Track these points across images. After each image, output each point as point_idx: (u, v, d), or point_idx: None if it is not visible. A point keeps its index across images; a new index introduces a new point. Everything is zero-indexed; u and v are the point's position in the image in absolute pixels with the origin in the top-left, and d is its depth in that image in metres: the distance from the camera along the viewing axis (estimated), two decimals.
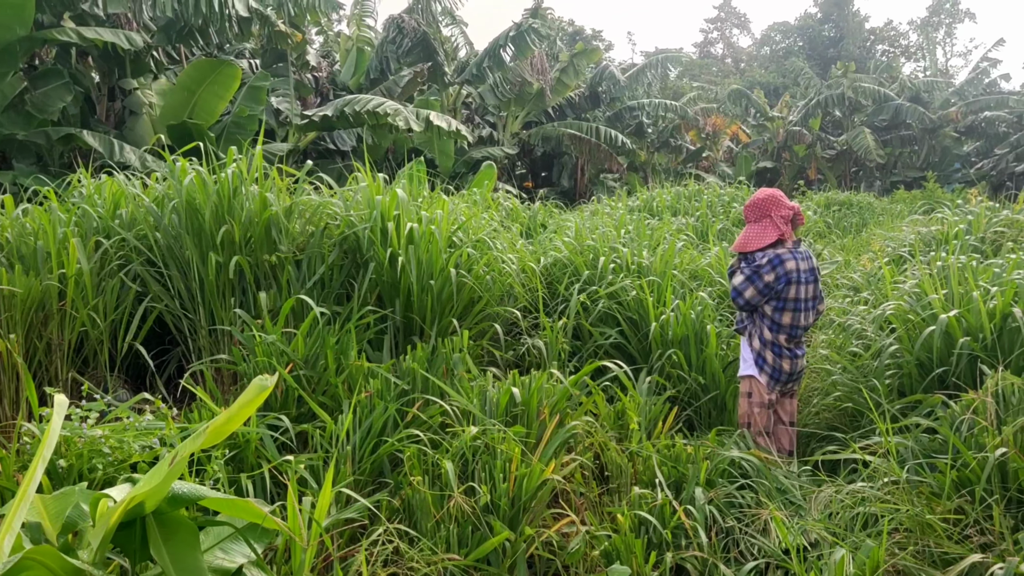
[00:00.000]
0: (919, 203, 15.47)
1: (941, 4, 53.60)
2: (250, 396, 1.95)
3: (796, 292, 4.25)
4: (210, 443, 2.08)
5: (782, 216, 4.32)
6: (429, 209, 5.25)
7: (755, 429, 4.32)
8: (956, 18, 54.13)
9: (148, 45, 12.29)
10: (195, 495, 2.36)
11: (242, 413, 2.01)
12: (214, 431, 2.00)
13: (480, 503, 3.28)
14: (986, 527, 2.90)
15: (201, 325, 4.87)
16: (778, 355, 4.30)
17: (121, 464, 3.02)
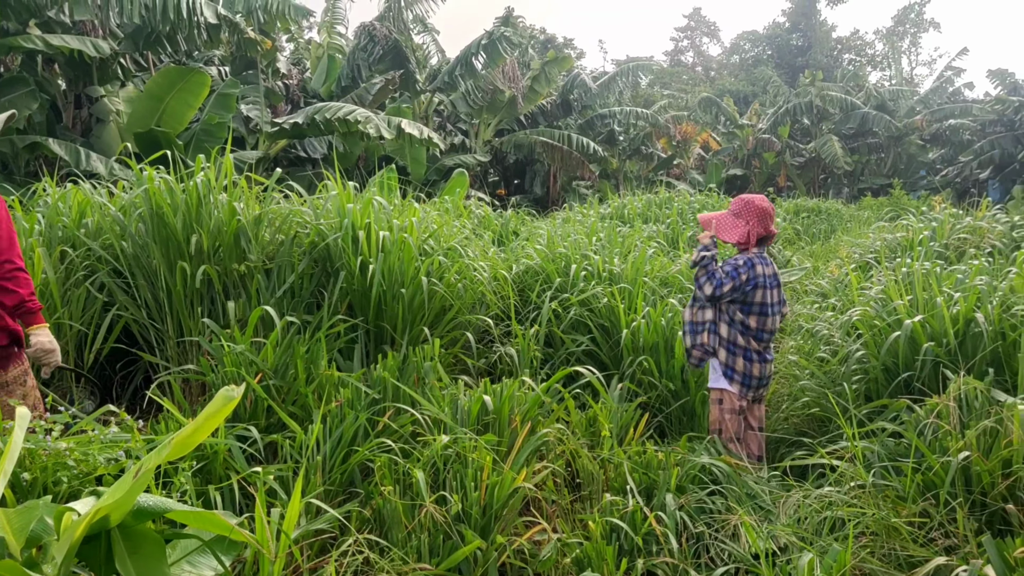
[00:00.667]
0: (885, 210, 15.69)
1: (906, 14, 54.53)
2: (216, 407, 1.93)
3: (763, 296, 4.32)
4: (175, 455, 2.05)
5: (758, 231, 4.37)
6: (400, 217, 5.24)
7: (726, 435, 4.36)
8: (921, 28, 55.10)
9: (115, 52, 12.16)
10: (161, 508, 2.33)
11: (208, 424, 1.99)
12: (179, 443, 1.98)
13: (451, 512, 3.28)
14: (950, 530, 2.94)
15: (169, 335, 4.82)
16: (748, 360, 4.34)
17: (86, 477, 2.97)
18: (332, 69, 17.97)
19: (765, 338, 4.38)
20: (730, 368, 4.37)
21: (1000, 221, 8.11)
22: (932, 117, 29.98)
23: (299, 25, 20.43)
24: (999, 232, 7.57)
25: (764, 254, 4.44)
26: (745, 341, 4.35)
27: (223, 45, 13.01)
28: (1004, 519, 2.98)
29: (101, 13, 10.91)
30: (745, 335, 4.34)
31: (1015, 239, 7.46)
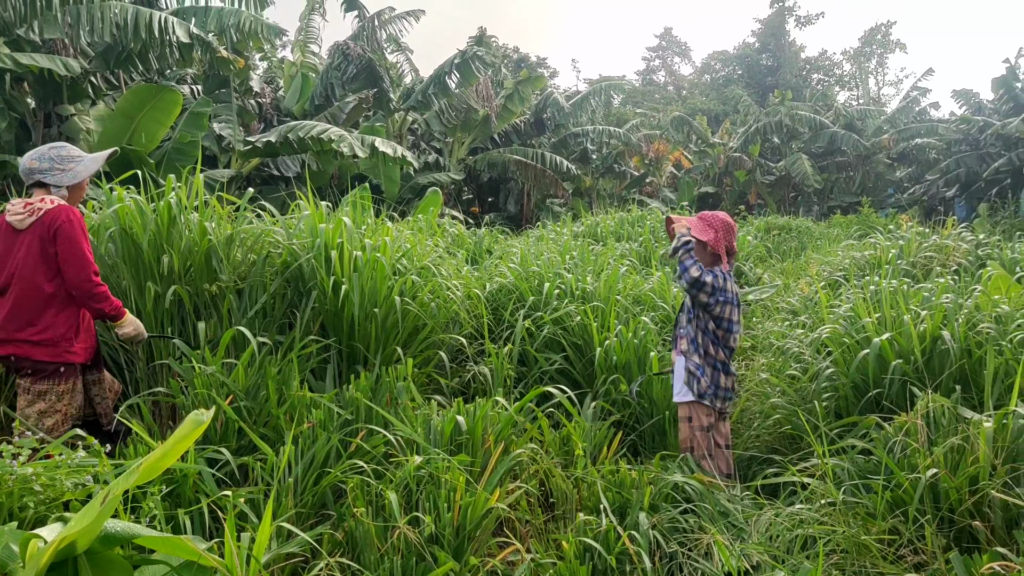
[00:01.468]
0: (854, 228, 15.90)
1: (873, 35, 55.51)
2: (185, 431, 1.91)
3: (730, 313, 4.44)
4: (143, 480, 2.03)
5: (726, 241, 4.48)
6: (373, 236, 5.24)
7: (698, 453, 4.38)
8: (887, 48, 56.07)
9: (86, 71, 12.07)
10: (128, 533, 2.30)
11: (177, 449, 1.97)
12: (147, 468, 1.96)
13: (424, 533, 3.26)
14: (919, 547, 2.97)
15: (139, 357, 4.76)
16: (716, 370, 4.43)
17: (53, 502, 2.92)
18: (305, 88, 17.95)
19: (727, 354, 4.50)
20: (694, 378, 4.43)
21: (965, 239, 8.25)
22: (899, 136, 30.47)
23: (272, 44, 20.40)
24: (964, 250, 7.70)
25: (729, 273, 4.53)
26: (715, 352, 4.43)
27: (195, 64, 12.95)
28: (972, 536, 3.02)
29: (71, 31, 10.83)
30: (715, 346, 4.42)
31: (980, 257, 7.60)
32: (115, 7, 10.57)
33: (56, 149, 4.00)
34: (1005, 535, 2.95)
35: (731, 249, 4.52)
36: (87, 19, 10.45)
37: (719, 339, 4.44)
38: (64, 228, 3.78)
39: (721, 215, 4.56)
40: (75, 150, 4.09)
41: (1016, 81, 24.69)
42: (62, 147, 4.03)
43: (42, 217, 3.80)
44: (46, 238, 3.79)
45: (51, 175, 3.94)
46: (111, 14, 10.48)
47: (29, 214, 3.82)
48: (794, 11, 53.32)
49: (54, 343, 3.81)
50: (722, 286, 4.37)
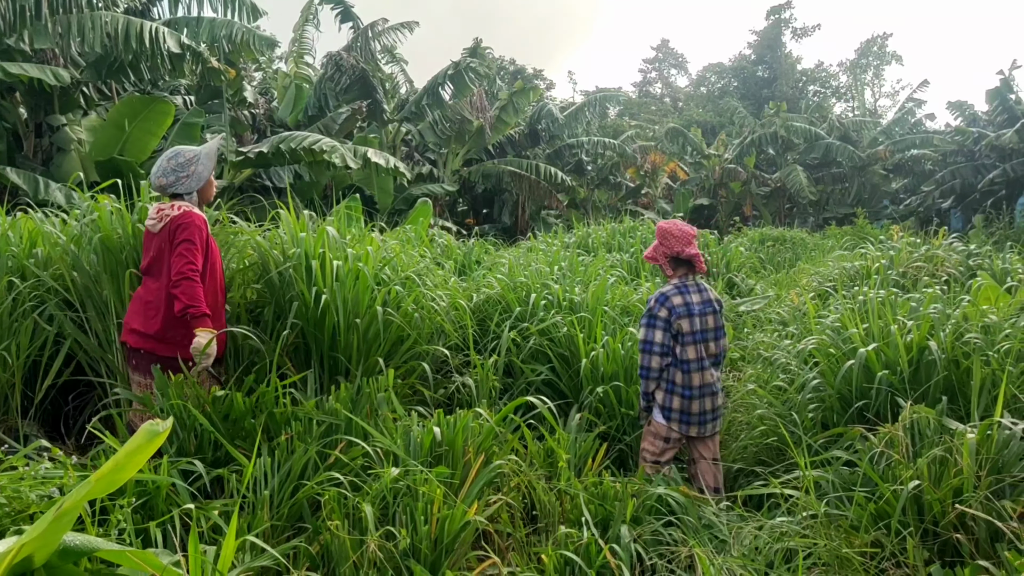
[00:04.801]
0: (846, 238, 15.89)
1: (869, 47, 55.72)
2: (138, 443, 1.86)
3: (690, 325, 4.34)
4: (99, 493, 1.98)
5: (663, 251, 4.48)
6: (357, 246, 5.19)
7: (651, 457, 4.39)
8: (884, 60, 56.28)
9: (77, 81, 12.06)
10: (88, 547, 2.24)
11: (133, 460, 1.93)
12: (101, 480, 1.91)
13: (400, 547, 3.20)
14: (901, 560, 2.92)
15: (118, 368, 4.71)
16: (688, 399, 4.35)
17: (19, 515, 2.87)
18: (299, 99, 17.96)
19: (706, 366, 4.39)
20: (667, 408, 4.38)
21: (956, 250, 8.22)
22: (895, 147, 30.53)
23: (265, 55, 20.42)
24: (955, 260, 7.67)
25: (688, 283, 4.45)
26: (684, 379, 4.35)
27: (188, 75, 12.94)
28: (955, 549, 2.97)
29: (62, 41, 10.83)
30: (686, 371, 4.34)
31: (971, 267, 7.57)
32: (106, 17, 10.57)
33: (173, 159, 4.31)
34: (989, 548, 2.90)
35: (680, 256, 4.45)
36: (77, 29, 10.44)
37: (687, 362, 4.34)
38: (180, 227, 4.12)
39: (663, 223, 4.54)
40: (188, 151, 4.37)
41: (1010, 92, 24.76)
42: (176, 154, 4.34)
43: (168, 223, 4.16)
44: (170, 240, 4.14)
45: (180, 185, 4.29)
46: (101, 24, 10.48)
47: (160, 219, 4.20)
48: (790, 23, 53.52)
49: (171, 340, 4.14)
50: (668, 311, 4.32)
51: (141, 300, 4.25)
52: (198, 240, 4.13)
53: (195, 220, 4.16)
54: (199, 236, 4.15)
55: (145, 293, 4.25)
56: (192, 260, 4.07)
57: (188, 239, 4.09)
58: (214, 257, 4.36)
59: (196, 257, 4.10)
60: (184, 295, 4.04)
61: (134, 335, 4.20)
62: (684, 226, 4.48)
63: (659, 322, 4.32)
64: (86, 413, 4.97)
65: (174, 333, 4.13)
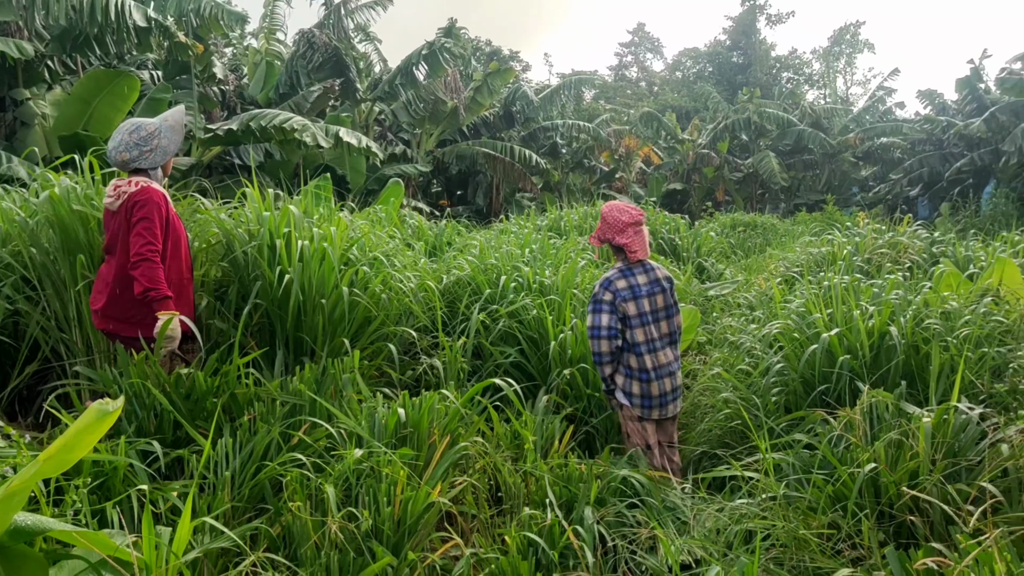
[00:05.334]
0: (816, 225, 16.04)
1: (842, 35, 56.06)
2: (88, 421, 1.83)
3: (636, 308, 4.34)
4: (49, 473, 1.95)
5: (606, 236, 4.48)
6: (323, 226, 5.14)
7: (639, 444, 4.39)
8: (856, 48, 56.67)
9: (41, 54, 11.79)
10: (40, 527, 2.21)
11: (83, 440, 1.89)
12: (51, 460, 1.87)
13: (363, 528, 3.19)
14: (857, 541, 2.97)
15: (78, 347, 4.64)
16: (646, 382, 4.36)
17: None
18: (270, 76, 17.71)
19: (657, 347, 4.38)
20: (628, 393, 4.39)
21: (920, 237, 8.32)
22: (865, 135, 30.80)
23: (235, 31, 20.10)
24: (919, 247, 7.77)
25: (632, 266, 4.44)
26: (639, 362, 4.35)
27: (155, 49, 12.71)
28: (910, 531, 3.02)
29: (26, 14, 10.57)
30: (638, 354, 4.35)
31: (934, 254, 7.67)
32: None
33: (134, 132, 4.16)
34: (943, 531, 2.95)
35: (611, 243, 4.46)
36: (42, 2, 10.19)
37: (636, 344, 4.34)
38: (137, 204, 3.99)
39: (604, 209, 4.53)
40: (149, 123, 4.22)
41: (979, 82, 25.04)
42: (137, 127, 4.19)
43: (125, 200, 4.03)
44: (127, 219, 4.01)
45: (144, 160, 4.15)
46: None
47: (117, 197, 4.07)
48: (765, 9, 53.66)
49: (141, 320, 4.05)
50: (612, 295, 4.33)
51: (103, 280, 4.17)
52: (157, 218, 4.00)
53: (153, 196, 4.02)
54: (158, 213, 4.02)
55: (106, 273, 4.16)
56: (151, 240, 3.94)
57: (146, 217, 3.96)
58: (178, 234, 4.24)
59: (155, 236, 3.98)
60: (143, 277, 3.92)
61: (97, 316, 4.14)
62: (622, 213, 4.44)
63: (604, 306, 4.31)
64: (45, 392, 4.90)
65: (134, 312, 4.05)
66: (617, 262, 4.51)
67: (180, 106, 4.58)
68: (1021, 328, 4.31)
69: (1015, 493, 2.93)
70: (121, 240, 4.05)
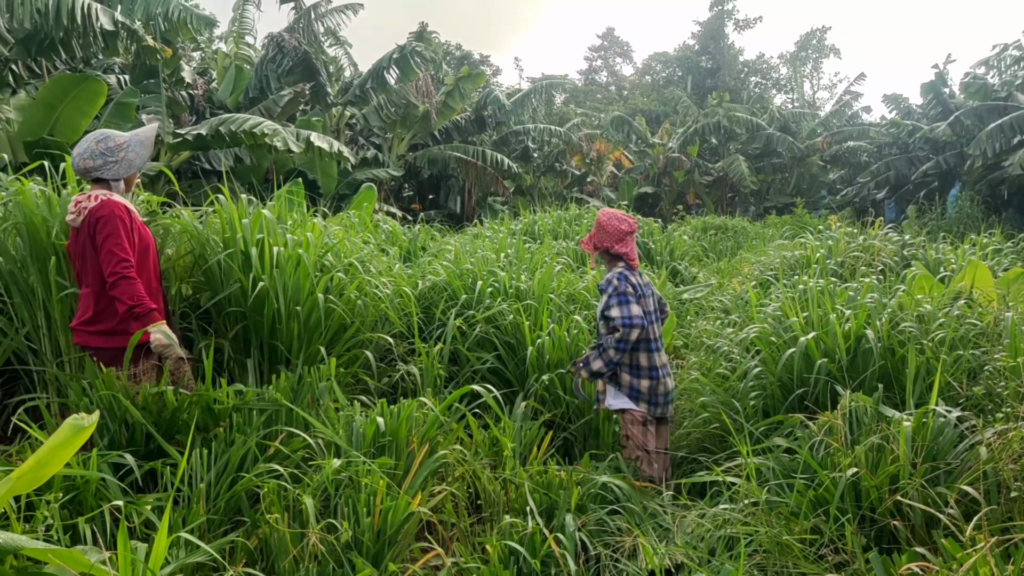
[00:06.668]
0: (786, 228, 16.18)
1: (808, 40, 56.73)
2: (63, 437, 1.78)
3: (643, 306, 4.37)
4: (21, 489, 1.89)
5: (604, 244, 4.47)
6: (298, 232, 5.08)
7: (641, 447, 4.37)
8: (822, 53, 57.38)
9: (5, 58, 11.58)
10: (12, 545, 2.15)
11: (57, 456, 1.84)
12: (24, 476, 1.81)
13: (342, 539, 3.14)
14: (840, 546, 2.97)
15: (48, 358, 4.53)
16: (655, 379, 4.37)
17: None
18: (239, 80, 17.54)
19: (655, 347, 4.42)
20: (635, 391, 4.37)
21: (892, 240, 8.41)
22: (832, 139, 31.14)
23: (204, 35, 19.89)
24: (891, 250, 7.85)
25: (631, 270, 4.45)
26: (648, 360, 4.37)
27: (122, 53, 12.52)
28: (892, 535, 3.03)
29: None
30: (649, 353, 4.37)
31: (906, 257, 7.75)
32: None
33: (102, 142, 4.05)
34: (925, 534, 2.96)
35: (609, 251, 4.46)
36: (6, 4, 10.02)
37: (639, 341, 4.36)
38: (99, 221, 3.87)
39: (602, 217, 4.52)
40: (119, 136, 4.12)
41: (944, 87, 25.42)
42: (105, 137, 4.08)
43: (87, 216, 3.91)
44: (91, 235, 3.91)
45: (108, 170, 4.03)
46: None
47: (79, 213, 3.94)
48: (733, 15, 54.14)
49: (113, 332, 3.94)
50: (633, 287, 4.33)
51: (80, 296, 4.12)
52: (123, 231, 3.89)
53: (114, 210, 3.90)
54: (123, 226, 3.90)
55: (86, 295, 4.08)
56: (122, 256, 3.84)
57: (111, 233, 3.85)
58: (145, 243, 4.13)
59: (125, 250, 3.87)
60: (124, 295, 3.83)
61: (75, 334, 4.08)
62: (621, 222, 4.44)
63: (631, 297, 4.26)
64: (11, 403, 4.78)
65: (105, 324, 3.97)
66: (613, 267, 4.49)
67: (154, 124, 4.52)
68: (994, 331, 4.35)
69: (994, 495, 2.94)
70: (90, 258, 3.94)
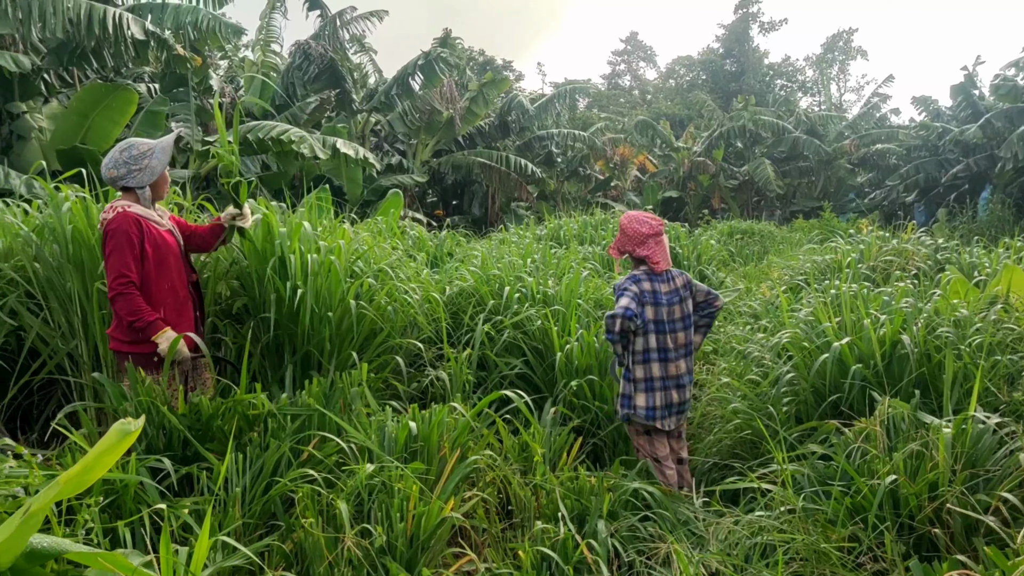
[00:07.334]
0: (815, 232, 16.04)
1: (835, 42, 56.30)
2: (110, 442, 1.80)
3: (655, 313, 4.28)
4: (69, 493, 1.91)
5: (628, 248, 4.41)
6: (329, 239, 5.11)
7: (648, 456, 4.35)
8: (849, 55, 56.91)
9: (38, 67, 11.76)
10: (56, 549, 2.18)
11: (103, 461, 1.86)
12: (71, 481, 1.84)
13: (376, 544, 3.15)
14: (879, 554, 2.93)
15: (84, 361, 4.60)
16: (650, 391, 4.30)
17: None
18: (266, 87, 17.69)
19: (670, 356, 4.32)
20: (628, 399, 4.33)
21: (925, 244, 8.32)
22: (860, 142, 30.86)
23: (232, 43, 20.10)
24: (924, 254, 7.76)
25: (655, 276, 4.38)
26: (644, 372, 4.29)
27: (152, 62, 12.69)
28: (931, 543, 2.99)
29: (23, 27, 10.53)
30: (646, 364, 4.29)
31: (939, 261, 7.66)
32: (68, 2, 10.31)
33: (126, 151, 4.12)
34: (964, 542, 2.92)
35: (632, 255, 4.40)
36: (38, 14, 10.17)
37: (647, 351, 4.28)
38: (107, 234, 3.96)
39: (624, 221, 4.46)
40: (143, 144, 4.18)
41: (974, 88, 25.13)
42: (130, 146, 4.13)
43: (100, 227, 4.05)
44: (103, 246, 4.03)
45: (132, 179, 4.07)
46: (64, 9, 10.21)
47: (100, 224, 4.06)
48: (758, 17, 53.89)
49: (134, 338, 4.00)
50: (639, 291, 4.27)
51: None
52: (126, 245, 3.91)
53: (121, 224, 3.94)
54: (127, 240, 3.92)
55: None
56: (121, 272, 3.88)
57: (114, 249, 3.92)
58: (163, 251, 4.11)
59: (126, 265, 3.89)
60: (122, 311, 3.90)
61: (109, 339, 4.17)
62: (641, 224, 4.37)
63: (628, 293, 4.21)
64: (48, 408, 4.86)
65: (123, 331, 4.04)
66: (636, 270, 4.43)
67: (176, 131, 4.59)
68: None
69: None
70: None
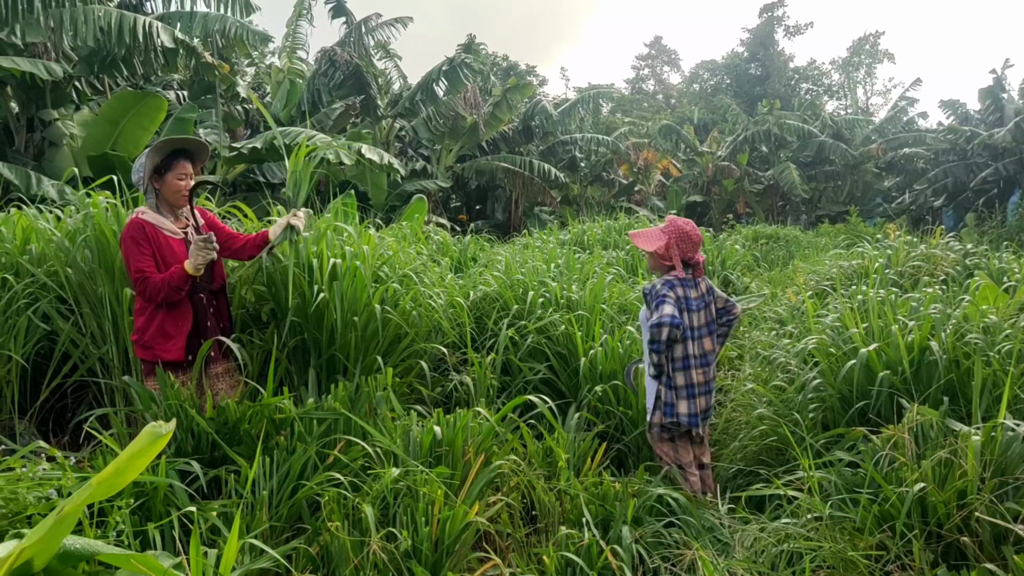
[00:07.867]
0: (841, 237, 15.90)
1: (861, 45, 55.85)
2: (141, 445, 1.83)
3: (687, 320, 4.25)
4: (102, 495, 1.94)
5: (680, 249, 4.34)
6: (354, 244, 5.15)
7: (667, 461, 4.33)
8: (876, 58, 56.43)
9: (69, 75, 11.96)
10: (89, 551, 2.21)
11: (135, 463, 1.89)
12: (103, 484, 1.87)
13: (401, 548, 3.17)
14: (907, 562, 2.91)
15: (115, 365, 4.67)
16: (691, 398, 4.26)
17: (16, 517, 2.83)
18: (292, 94, 17.87)
19: (692, 364, 4.28)
20: (669, 406, 4.30)
21: (953, 249, 8.22)
22: (887, 146, 30.57)
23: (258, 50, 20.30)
24: (952, 260, 7.67)
25: (687, 278, 4.35)
26: (684, 378, 4.26)
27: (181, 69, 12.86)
28: (960, 552, 2.96)
29: (54, 35, 10.73)
30: (686, 370, 4.26)
31: (968, 267, 7.57)
32: (99, 11, 10.48)
33: (139, 158, 4.28)
34: (993, 550, 2.89)
35: (688, 260, 4.35)
36: (70, 23, 10.34)
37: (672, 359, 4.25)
38: (120, 241, 4.17)
39: (679, 221, 4.39)
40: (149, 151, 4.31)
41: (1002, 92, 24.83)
42: (143, 154, 4.25)
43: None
44: None
45: (139, 184, 4.27)
46: (95, 18, 10.38)
47: None
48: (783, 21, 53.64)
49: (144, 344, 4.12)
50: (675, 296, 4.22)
51: None
52: (134, 247, 4.04)
53: (128, 230, 4.09)
54: (135, 245, 4.05)
55: None
56: (139, 267, 4.02)
57: (127, 253, 4.07)
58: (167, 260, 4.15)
59: (141, 262, 4.02)
60: (146, 295, 4.03)
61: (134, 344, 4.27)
62: (695, 231, 4.36)
63: (669, 299, 4.15)
64: (80, 411, 4.92)
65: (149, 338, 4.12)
66: (666, 274, 4.37)
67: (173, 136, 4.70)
68: None
69: None
70: None
